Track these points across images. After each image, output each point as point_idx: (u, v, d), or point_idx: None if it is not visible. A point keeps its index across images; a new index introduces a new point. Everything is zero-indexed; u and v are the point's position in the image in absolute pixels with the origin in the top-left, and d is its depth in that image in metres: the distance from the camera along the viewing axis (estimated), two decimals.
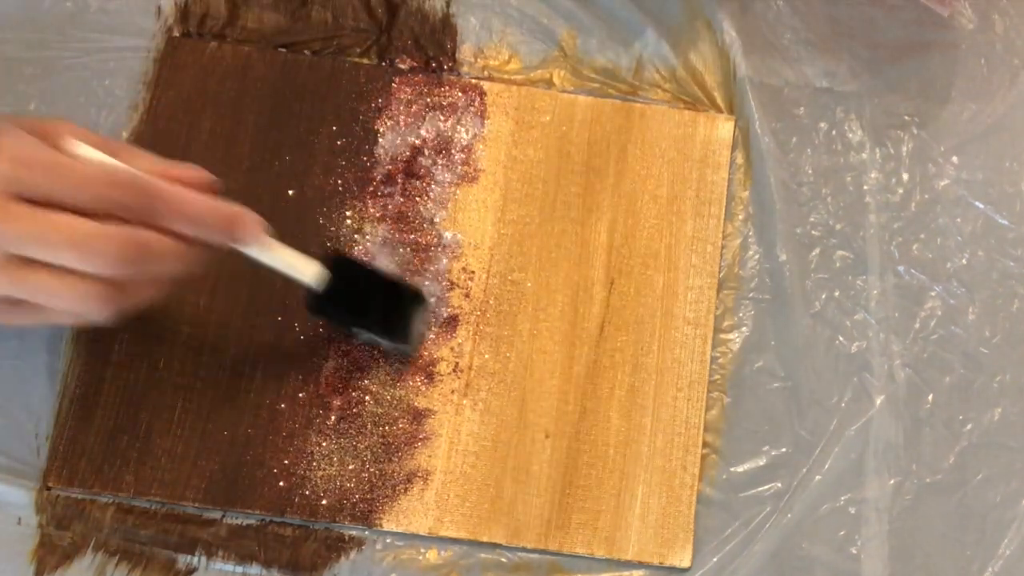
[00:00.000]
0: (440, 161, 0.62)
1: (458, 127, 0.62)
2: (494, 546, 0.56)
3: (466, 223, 0.61)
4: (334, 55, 0.63)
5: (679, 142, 0.63)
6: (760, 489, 0.58)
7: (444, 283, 0.60)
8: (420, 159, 0.61)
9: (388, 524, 0.56)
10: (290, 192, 0.60)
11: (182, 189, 0.48)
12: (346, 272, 0.54)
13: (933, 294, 0.61)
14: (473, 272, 0.60)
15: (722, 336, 0.60)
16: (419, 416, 0.57)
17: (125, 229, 0.46)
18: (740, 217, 0.62)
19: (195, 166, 0.51)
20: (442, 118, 0.62)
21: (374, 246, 0.60)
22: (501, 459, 0.57)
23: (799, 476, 0.58)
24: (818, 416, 0.59)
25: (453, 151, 0.62)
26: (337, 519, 0.56)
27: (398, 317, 0.56)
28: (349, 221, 0.60)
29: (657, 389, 0.59)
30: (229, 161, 0.61)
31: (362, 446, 0.57)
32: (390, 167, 0.61)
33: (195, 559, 0.55)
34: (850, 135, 0.64)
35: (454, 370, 0.58)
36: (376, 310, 0.56)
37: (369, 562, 0.56)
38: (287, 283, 0.59)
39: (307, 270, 0.53)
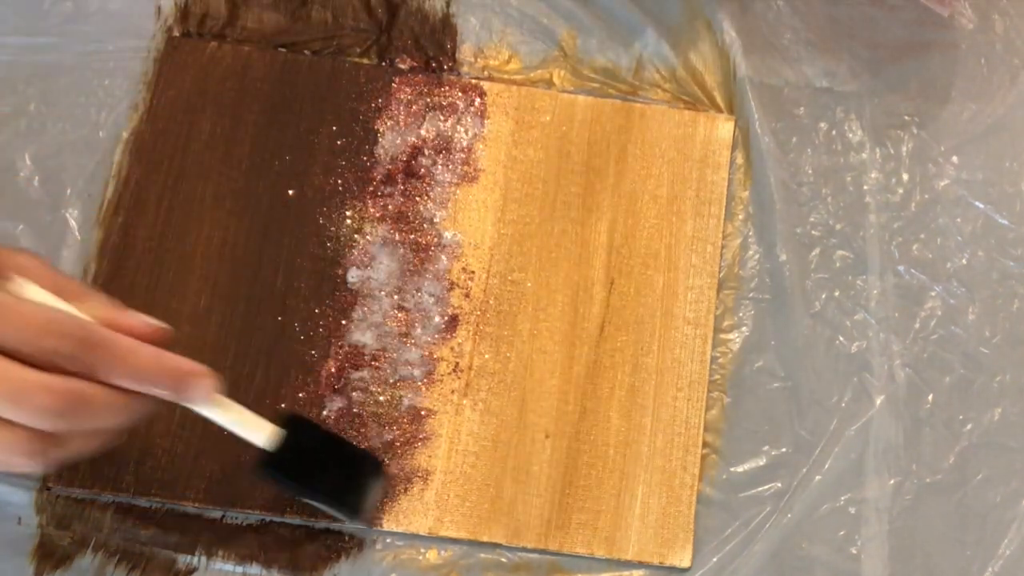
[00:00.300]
0: (440, 161, 0.62)
1: (458, 127, 0.62)
2: (494, 546, 0.56)
3: (466, 223, 0.61)
4: (334, 55, 0.63)
5: (679, 142, 0.63)
6: (760, 489, 0.58)
7: (444, 283, 0.60)
8: (420, 159, 0.61)
9: (388, 524, 0.56)
10: (290, 192, 0.60)
11: (130, 342, 0.45)
12: (303, 436, 0.50)
13: (933, 294, 0.61)
14: (473, 272, 0.60)
15: (722, 336, 0.60)
16: (419, 416, 0.57)
17: (63, 381, 0.43)
18: (740, 217, 0.62)
19: (147, 317, 0.47)
20: (442, 118, 0.62)
21: (374, 246, 0.60)
22: (501, 459, 0.57)
23: (799, 476, 0.58)
24: (818, 416, 0.59)
25: (453, 151, 0.62)
26: (337, 519, 0.56)
27: (351, 488, 0.52)
28: (349, 221, 0.60)
29: (657, 389, 0.59)
30: (229, 161, 0.61)
31: (362, 446, 0.57)
32: (390, 167, 0.61)
33: (195, 559, 0.55)
34: (850, 135, 0.64)
35: (454, 370, 0.58)
36: (329, 479, 0.51)
37: (369, 562, 0.56)
38: (287, 283, 0.59)
39: (258, 431, 0.49)
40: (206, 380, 0.47)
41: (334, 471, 0.52)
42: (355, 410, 0.57)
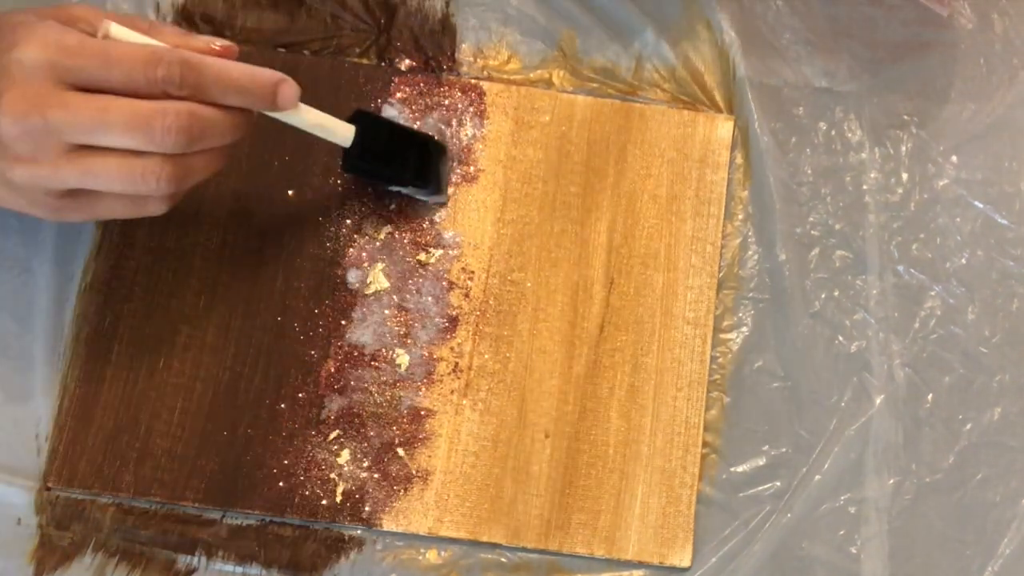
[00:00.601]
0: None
1: (457, 127, 0.62)
2: (494, 546, 0.56)
3: (466, 223, 0.61)
4: (333, 55, 0.63)
5: (679, 142, 0.63)
6: (760, 489, 0.58)
7: (444, 283, 0.60)
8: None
9: (388, 524, 0.56)
10: (290, 192, 0.60)
11: (221, 61, 0.49)
12: (374, 129, 0.57)
13: (933, 294, 0.61)
14: (473, 272, 0.60)
15: (722, 336, 0.60)
16: (419, 416, 0.57)
17: (180, 104, 0.47)
18: (740, 217, 0.62)
19: (214, 38, 0.52)
20: (441, 118, 0.62)
21: (374, 246, 0.60)
22: (501, 459, 0.57)
23: (799, 476, 0.58)
24: (818, 416, 0.59)
25: (453, 151, 0.62)
26: (337, 519, 0.56)
27: (428, 168, 0.58)
28: (349, 221, 0.60)
29: (657, 389, 0.59)
30: (229, 161, 0.60)
31: (362, 446, 0.57)
32: None
33: (195, 559, 0.55)
34: (849, 135, 0.64)
35: (454, 370, 0.58)
36: (409, 163, 0.58)
37: (369, 562, 0.56)
38: (287, 283, 0.59)
39: (339, 131, 0.55)
40: (292, 87, 0.52)
41: (410, 156, 0.58)
42: (355, 410, 0.57)
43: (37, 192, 0.49)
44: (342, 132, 0.55)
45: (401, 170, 0.58)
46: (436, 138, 0.60)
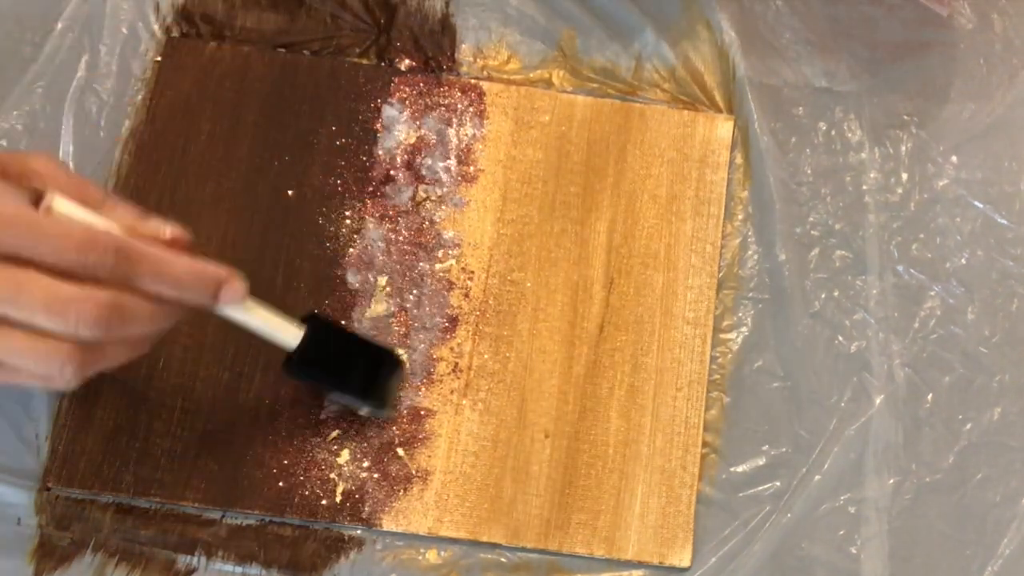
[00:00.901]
0: (439, 161, 0.62)
1: (457, 127, 0.62)
2: (494, 546, 0.56)
3: (466, 223, 0.61)
4: (333, 55, 0.63)
5: (678, 142, 0.63)
6: (760, 489, 0.58)
7: (444, 283, 0.60)
8: (419, 159, 0.61)
9: (388, 524, 0.56)
10: (290, 192, 0.60)
11: (163, 252, 0.47)
12: (324, 334, 0.53)
13: (932, 294, 0.61)
14: (473, 272, 0.60)
15: (722, 336, 0.60)
16: (419, 416, 0.57)
17: (102, 292, 0.45)
18: (739, 217, 0.62)
19: (168, 224, 0.49)
20: (441, 118, 0.62)
21: (374, 246, 0.60)
22: (501, 459, 0.57)
23: (799, 476, 0.58)
24: (818, 416, 0.59)
25: (452, 151, 0.62)
26: (337, 519, 0.56)
27: (376, 381, 0.55)
28: (349, 221, 0.60)
29: (657, 389, 0.59)
30: (229, 161, 0.61)
31: (362, 446, 0.57)
32: (389, 167, 0.61)
33: (195, 559, 0.55)
34: (849, 135, 0.64)
35: (454, 370, 0.58)
36: (355, 374, 0.55)
37: (369, 562, 0.56)
38: (287, 283, 0.59)
39: (286, 333, 0.52)
40: (238, 285, 0.49)
41: (357, 366, 0.55)
42: (355, 410, 0.57)
43: None
44: (286, 334, 0.52)
45: (344, 381, 0.55)
46: (392, 352, 0.57)
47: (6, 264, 0.44)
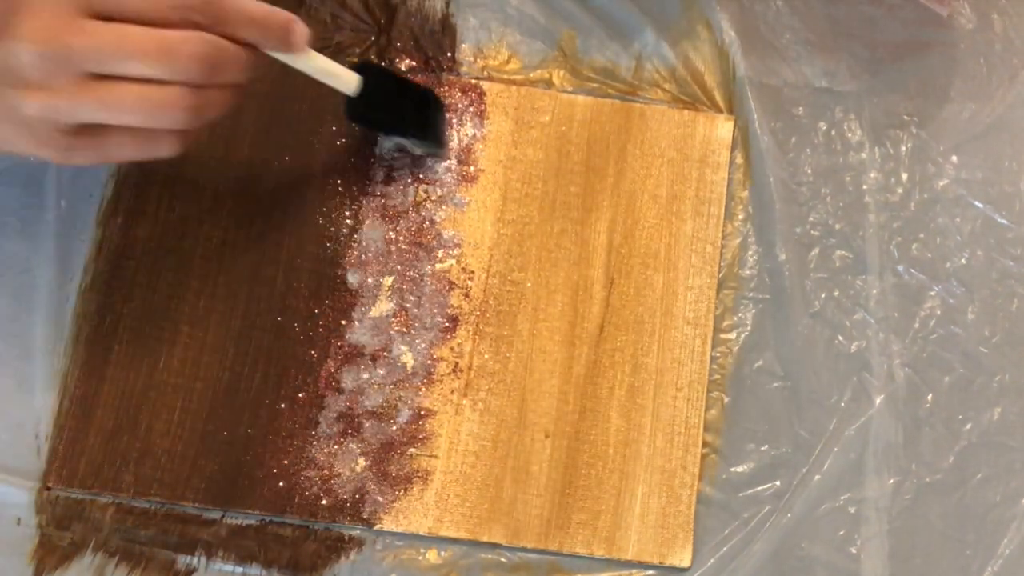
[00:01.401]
0: (440, 161, 0.62)
1: (458, 127, 0.62)
2: (494, 546, 0.56)
3: (466, 223, 0.61)
4: (333, 55, 0.63)
5: (679, 142, 0.63)
6: (760, 489, 0.58)
7: (444, 283, 0.60)
8: (420, 159, 0.61)
9: (388, 524, 0.56)
10: (290, 192, 0.60)
11: None
12: (378, 79, 0.57)
13: (932, 294, 0.61)
14: (473, 272, 0.60)
15: (722, 336, 0.60)
16: (419, 416, 0.57)
17: (200, 33, 0.47)
18: (740, 217, 0.62)
19: None
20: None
21: (374, 246, 0.60)
22: (501, 459, 0.57)
23: (799, 476, 0.58)
24: (818, 416, 0.59)
25: (452, 151, 0.62)
26: (337, 519, 0.56)
27: (428, 119, 0.59)
28: (349, 221, 0.60)
29: (657, 389, 0.59)
30: (229, 161, 0.61)
31: (362, 446, 0.57)
32: (390, 167, 0.61)
33: (195, 559, 0.55)
34: (849, 135, 0.64)
35: (454, 370, 0.58)
36: (411, 115, 0.59)
37: (369, 562, 0.56)
38: (287, 283, 0.59)
39: (345, 78, 0.55)
40: (304, 28, 0.52)
41: (411, 108, 0.59)
42: (355, 410, 0.57)
43: (48, 127, 0.47)
44: (348, 80, 0.55)
45: (403, 120, 0.59)
46: (433, 91, 0.61)
47: (104, 22, 0.45)
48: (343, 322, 0.58)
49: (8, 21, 0.45)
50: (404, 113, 0.59)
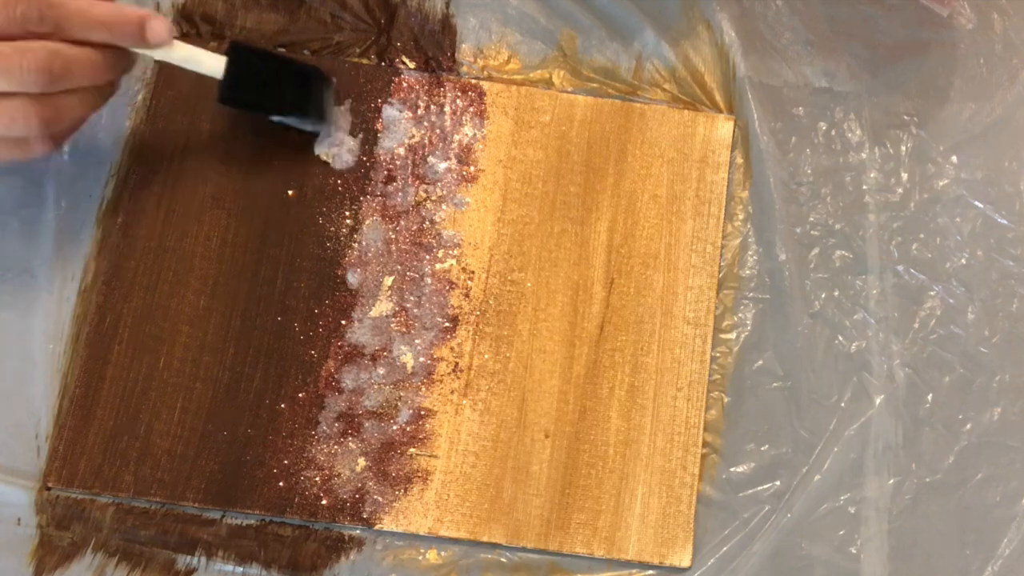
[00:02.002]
0: (439, 161, 0.62)
1: (458, 127, 0.62)
2: (494, 546, 0.56)
3: (466, 223, 0.61)
4: (333, 55, 0.63)
5: (679, 142, 0.63)
6: (760, 489, 0.58)
7: (444, 283, 0.60)
8: (420, 159, 0.61)
9: (388, 524, 0.56)
10: (290, 192, 0.60)
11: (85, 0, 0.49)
12: (248, 59, 0.56)
13: (932, 294, 0.61)
14: (473, 272, 0.60)
15: (722, 336, 0.60)
16: (419, 416, 0.57)
17: (40, 43, 0.47)
18: (740, 217, 0.62)
19: None
20: (442, 118, 0.62)
21: (374, 246, 0.60)
22: (501, 459, 0.57)
23: (799, 476, 0.58)
24: (818, 416, 0.59)
25: (452, 151, 0.62)
26: (337, 519, 0.56)
27: (308, 96, 0.58)
28: (349, 221, 0.60)
29: (657, 389, 0.59)
30: (229, 161, 0.61)
31: (362, 446, 0.57)
32: (390, 167, 0.61)
33: (195, 559, 0.55)
34: (849, 135, 0.64)
35: (454, 370, 0.58)
36: (286, 92, 0.58)
37: (369, 562, 0.56)
38: (287, 283, 0.59)
39: (209, 63, 0.55)
40: (162, 22, 0.51)
41: (289, 85, 0.58)
42: (355, 410, 0.57)
43: None
44: (211, 64, 0.55)
45: (278, 100, 0.58)
46: (318, 68, 0.60)
47: None
48: (343, 322, 0.58)
49: None
50: (280, 91, 0.58)
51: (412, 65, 0.63)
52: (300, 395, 0.57)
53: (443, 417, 0.57)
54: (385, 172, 0.61)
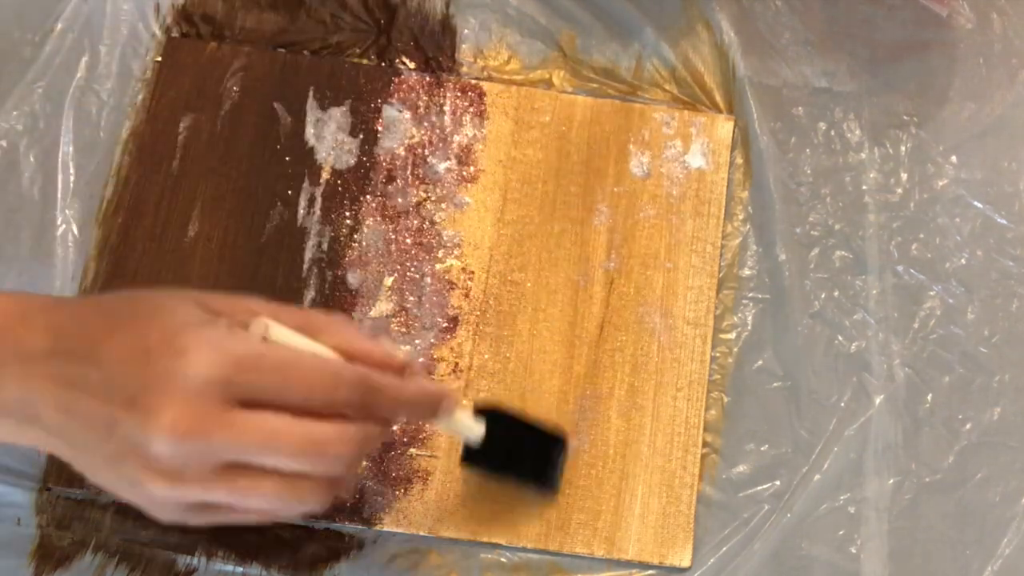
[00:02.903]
0: (439, 161, 0.62)
1: (458, 127, 0.62)
2: (494, 546, 0.56)
3: (466, 223, 0.61)
4: (333, 55, 0.63)
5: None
6: (760, 489, 0.58)
7: (444, 283, 0.60)
8: (420, 159, 0.61)
9: (388, 524, 0.56)
10: (289, 192, 0.60)
11: (395, 380, 0.45)
12: (501, 426, 0.53)
13: (932, 294, 0.61)
14: (473, 272, 0.60)
15: (722, 336, 0.60)
16: None
17: (353, 429, 0.42)
18: (740, 217, 0.62)
19: (387, 343, 0.47)
20: (442, 118, 0.62)
21: (374, 246, 0.60)
22: None
23: (799, 476, 0.58)
24: (818, 416, 0.59)
25: (452, 151, 0.62)
26: (337, 519, 0.56)
27: (546, 464, 0.55)
28: (349, 221, 0.60)
29: (657, 389, 0.59)
30: (229, 161, 0.61)
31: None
32: (390, 167, 0.61)
33: (195, 559, 0.55)
34: (849, 135, 0.64)
35: (454, 370, 0.58)
36: (527, 460, 0.55)
37: (369, 562, 0.56)
38: (287, 283, 0.59)
39: (474, 431, 0.51)
40: (452, 399, 0.49)
41: (530, 452, 0.55)
42: None
43: (167, 503, 0.42)
44: (473, 431, 0.52)
45: (519, 467, 0.55)
46: (561, 433, 0.56)
47: (251, 411, 0.41)
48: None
49: (148, 399, 0.40)
50: (522, 458, 0.55)
51: (412, 65, 0.63)
52: None
53: None
54: (385, 172, 0.61)
